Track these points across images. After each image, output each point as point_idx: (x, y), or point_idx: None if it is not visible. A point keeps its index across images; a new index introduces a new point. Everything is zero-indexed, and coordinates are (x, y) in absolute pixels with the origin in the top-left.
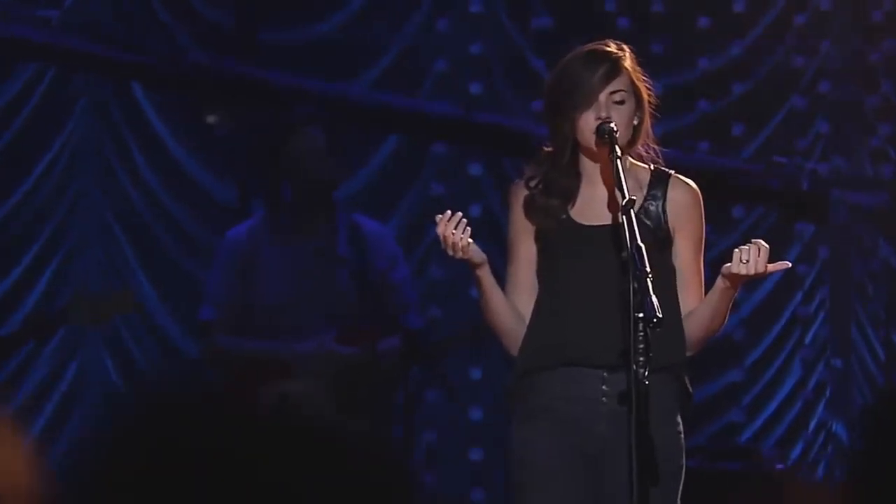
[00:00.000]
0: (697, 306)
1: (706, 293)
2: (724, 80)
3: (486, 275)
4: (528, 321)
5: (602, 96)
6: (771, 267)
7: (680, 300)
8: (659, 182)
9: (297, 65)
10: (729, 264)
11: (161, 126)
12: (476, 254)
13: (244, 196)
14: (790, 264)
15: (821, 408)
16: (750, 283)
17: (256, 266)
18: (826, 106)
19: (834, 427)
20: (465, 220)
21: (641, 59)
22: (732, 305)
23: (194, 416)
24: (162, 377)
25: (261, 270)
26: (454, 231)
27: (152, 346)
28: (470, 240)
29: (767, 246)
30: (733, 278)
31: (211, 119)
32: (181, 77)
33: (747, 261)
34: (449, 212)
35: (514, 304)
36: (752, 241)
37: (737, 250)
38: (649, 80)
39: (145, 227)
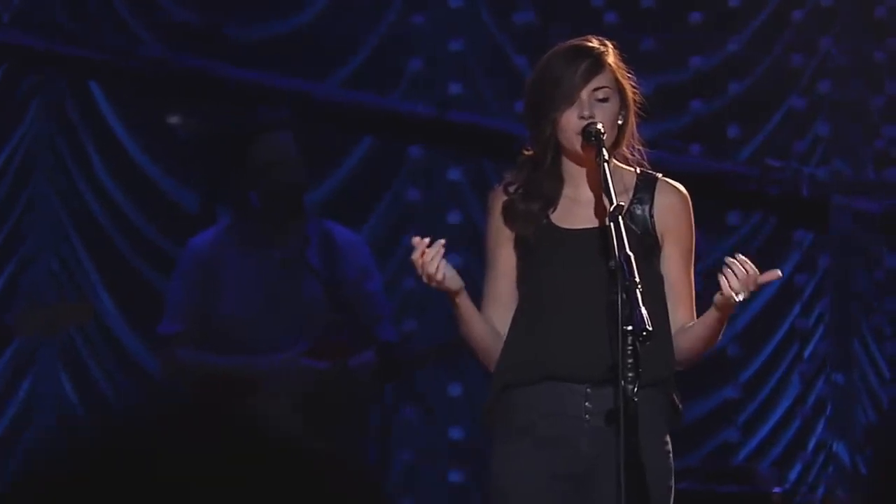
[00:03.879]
0: (691, 325)
1: (698, 305)
2: (718, 79)
3: (463, 301)
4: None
5: (584, 94)
6: (761, 279)
7: (669, 312)
8: (646, 185)
9: (265, 62)
10: (719, 296)
11: (120, 128)
12: (452, 281)
13: (207, 201)
14: (780, 274)
15: (821, 426)
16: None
17: (221, 276)
18: (827, 106)
19: (834, 447)
20: (443, 249)
21: (630, 56)
22: (727, 319)
23: (154, 434)
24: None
25: (226, 281)
26: (432, 258)
27: (110, 361)
28: (447, 264)
29: (752, 265)
30: (725, 306)
31: (173, 120)
32: (141, 75)
33: (738, 289)
34: (426, 240)
35: (491, 319)
36: (738, 258)
37: (721, 278)
38: (634, 78)
39: (103, 234)
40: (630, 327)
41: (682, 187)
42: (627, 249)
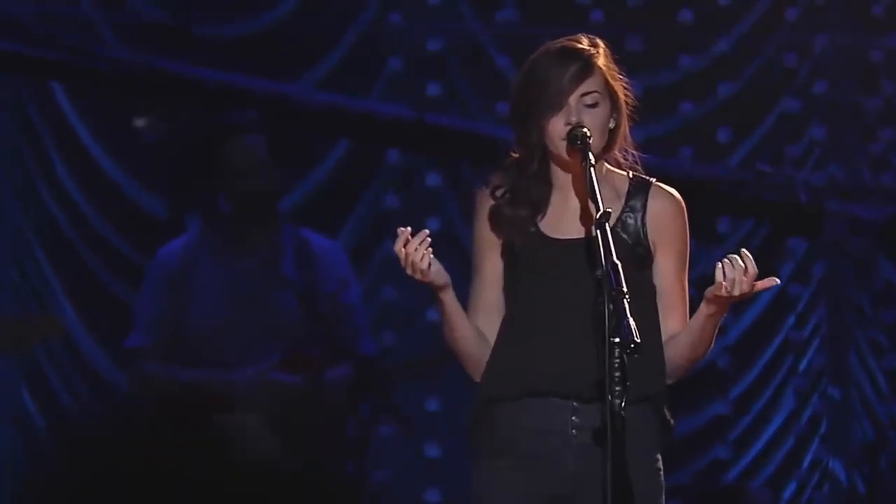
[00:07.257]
0: (679, 332)
1: (691, 316)
2: (708, 80)
3: (449, 298)
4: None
5: (572, 99)
6: (759, 285)
7: (662, 323)
8: (638, 191)
9: (236, 62)
10: (711, 287)
11: (85, 131)
12: (438, 275)
13: (176, 209)
14: (779, 281)
15: (816, 443)
16: (737, 303)
17: (191, 287)
18: (821, 109)
19: (830, 464)
20: (428, 238)
21: (617, 56)
22: (718, 329)
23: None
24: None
25: (196, 291)
26: (417, 248)
27: (74, 375)
28: (432, 257)
29: (752, 260)
30: (718, 301)
31: (140, 123)
32: (106, 76)
33: (733, 279)
34: (409, 228)
35: (478, 326)
36: (741, 252)
37: (718, 266)
38: (626, 79)
39: (66, 241)
40: (617, 339)
41: (676, 193)
42: (615, 258)
